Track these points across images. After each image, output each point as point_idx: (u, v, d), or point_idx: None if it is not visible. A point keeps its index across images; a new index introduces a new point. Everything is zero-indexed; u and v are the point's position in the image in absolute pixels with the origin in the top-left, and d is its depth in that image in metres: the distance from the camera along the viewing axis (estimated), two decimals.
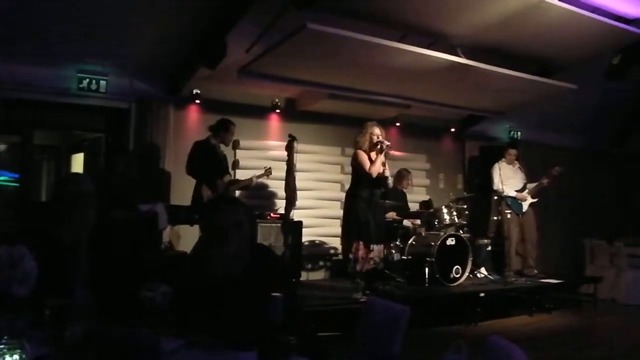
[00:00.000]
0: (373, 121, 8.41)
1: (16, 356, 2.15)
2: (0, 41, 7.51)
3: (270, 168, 9.13)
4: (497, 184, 10.42)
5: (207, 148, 8.44)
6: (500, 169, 10.50)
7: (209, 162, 8.32)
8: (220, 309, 2.91)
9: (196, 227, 7.79)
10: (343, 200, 9.30)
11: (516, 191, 10.51)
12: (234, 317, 2.83)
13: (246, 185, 8.99)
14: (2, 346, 2.15)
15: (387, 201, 8.72)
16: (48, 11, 7.27)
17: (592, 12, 7.95)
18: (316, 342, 3.11)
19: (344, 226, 8.48)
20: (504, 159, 10.68)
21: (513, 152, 10.71)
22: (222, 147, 8.68)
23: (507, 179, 10.45)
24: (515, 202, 10.48)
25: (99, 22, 7.58)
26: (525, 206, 10.55)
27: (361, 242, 8.13)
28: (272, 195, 10.03)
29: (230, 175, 9.01)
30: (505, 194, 10.36)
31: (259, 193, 9.91)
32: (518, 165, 10.74)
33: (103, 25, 7.65)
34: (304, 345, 2.29)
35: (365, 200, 8.08)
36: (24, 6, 7.15)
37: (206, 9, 7.70)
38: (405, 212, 10.01)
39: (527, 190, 10.57)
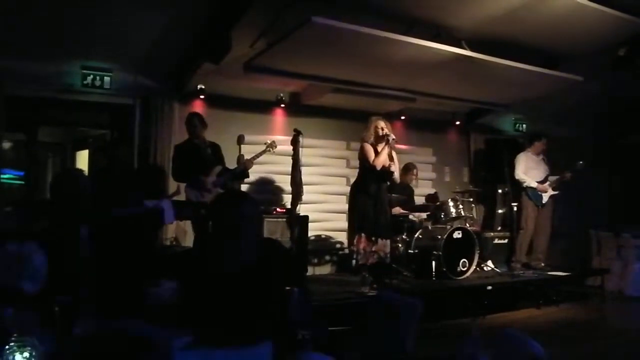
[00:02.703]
0: (378, 115, 8.40)
1: (26, 353, 2.14)
2: (4, 38, 7.50)
3: (274, 142, 8.92)
4: (519, 174, 10.42)
5: (188, 148, 8.34)
6: (525, 160, 10.51)
7: (191, 162, 8.18)
8: (231, 303, 2.89)
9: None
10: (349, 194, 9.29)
11: (537, 182, 10.46)
12: (246, 311, 2.81)
13: (243, 169, 8.77)
14: (13, 344, 2.14)
15: (393, 195, 8.71)
16: (51, 8, 7.25)
17: (599, 2, 7.91)
18: (329, 336, 3.09)
19: (349, 219, 8.48)
20: (529, 150, 10.66)
21: (544, 140, 10.69)
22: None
23: (530, 169, 10.47)
24: (535, 193, 10.42)
25: (103, 18, 7.55)
26: (545, 198, 10.50)
27: (363, 235, 8.12)
28: (278, 190, 10.02)
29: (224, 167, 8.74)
30: (526, 184, 10.34)
31: (265, 188, 9.89)
32: (542, 157, 10.70)
33: (106, 21, 7.62)
34: (317, 339, 2.28)
35: (369, 193, 8.08)
36: (27, 3, 7.13)
37: (210, 3, 7.67)
38: (411, 205, 9.98)
39: (548, 182, 10.51)
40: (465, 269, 9.22)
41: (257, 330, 2.61)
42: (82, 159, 11.27)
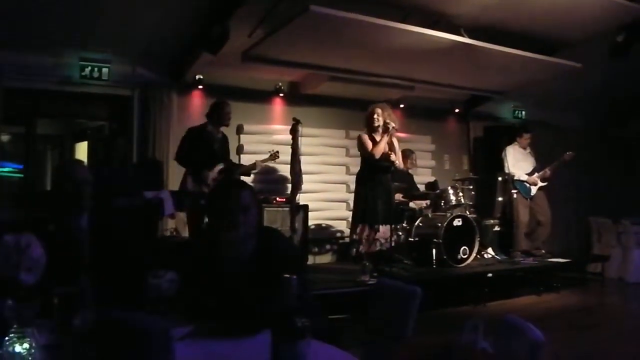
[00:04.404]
0: (379, 103, 8.36)
1: (26, 345, 2.14)
2: (2, 30, 7.48)
3: (277, 152, 8.89)
4: (508, 168, 10.40)
5: (200, 135, 8.16)
6: (513, 153, 10.50)
7: (199, 150, 8.03)
8: (231, 293, 2.89)
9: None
10: (349, 183, 9.27)
11: (526, 174, 10.46)
12: (245, 301, 2.81)
13: (249, 169, 8.81)
14: (12, 335, 2.14)
15: (394, 183, 8.69)
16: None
17: None
18: (329, 324, 3.10)
19: (352, 209, 8.46)
20: (516, 142, 10.63)
21: (527, 136, 10.64)
22: (226, 131, 8.56)
23: (517, 161, 10.43)
24: (523, 186, 10.41)
25: (101, 9, 7.54)
26: (533, 190, 10.48)
27: (366, 224, 8.10)
28: (278, 180, 10.00)
29: (228, 161, 8.58)
30: (516, 177, 10.33)
31: (265, 177, 9.87)
32: (529, 150, 10.68)
33: (104, 12, 7.62)
34: (317, 328, 2.27)
35: (370, 182, 8.05)
36: None
37: None
38: (411, 193, 9.94)
39: (536, 174, 10.48)
40: (465, 256, 9.21)
41: (256, 321, 2.61)
42: (81, 151, 11.25)
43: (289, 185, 9.22)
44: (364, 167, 8.19)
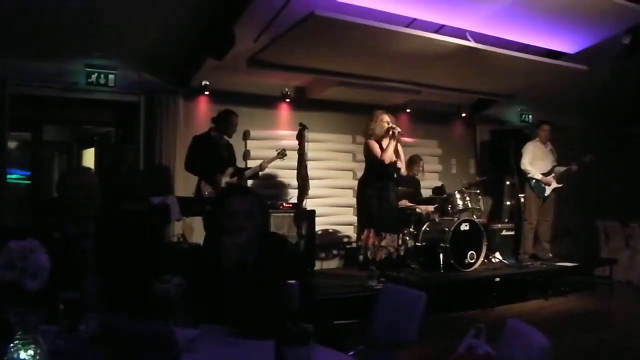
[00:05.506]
0: (382, 109, 8.36)
1: (31, 351, 2.13)
2: (8, 37, 7.51)
3: (284, 150, 8.90)
4: (524, 164, 10.36)
5: (206, 142, 8.21)
6: (532, 150, 10.48)
7: (207, 156, 8.07)
8: (235, 298, 2.89)
9: None
10: (355, 188, 9.27)
11: (542, 174, 10.41)
12: (249, 306, 2.81)
13: (257, 171, 8.80)
14: (17, 342, 2.14)
15: (400, 188, 8.68)
16: (54, 6, 7.24)
17: None
18: (334, 329, 3.10)
19: (357, 215, 8.45)
20: (537, 139, 10.60)
21: (546, 127, 10.58)
22: (233, 137, 8.57)
23: (537, 159, 10.38)
24: (539, 186, 10.36)
25: (106, 16, 7.55)
26: (548, 191, 10.42)
27: (371, 230, 8.09)
28: (285, 185, 10.01)
29: (235, 167, 8.55)
30: (530, 175, 10.29)
31: (271, 182, 9.88)
32: (550, 147, 10.63)
33: (110, 19, 7.62)
34: (321, 333, 2.27)
35: (375, 188, 8.03)
36: (31, 2, 7.12)
37: None
38: (417, 199, 9.93)
39: (553, 174, 10.44)
40: (473, 261, 9.19)
41: (259, 326, 2.61)
42: (89, 157, 11.27)
43: (296, 191, 9.20)
44: (370, 172, 8.16)
